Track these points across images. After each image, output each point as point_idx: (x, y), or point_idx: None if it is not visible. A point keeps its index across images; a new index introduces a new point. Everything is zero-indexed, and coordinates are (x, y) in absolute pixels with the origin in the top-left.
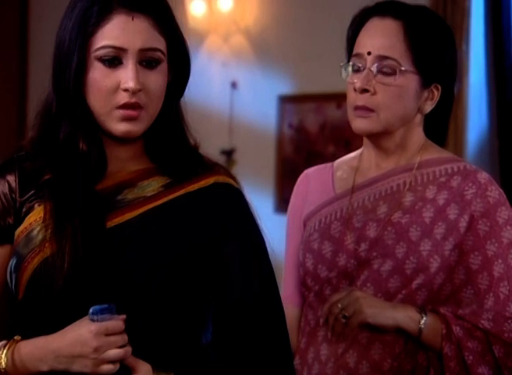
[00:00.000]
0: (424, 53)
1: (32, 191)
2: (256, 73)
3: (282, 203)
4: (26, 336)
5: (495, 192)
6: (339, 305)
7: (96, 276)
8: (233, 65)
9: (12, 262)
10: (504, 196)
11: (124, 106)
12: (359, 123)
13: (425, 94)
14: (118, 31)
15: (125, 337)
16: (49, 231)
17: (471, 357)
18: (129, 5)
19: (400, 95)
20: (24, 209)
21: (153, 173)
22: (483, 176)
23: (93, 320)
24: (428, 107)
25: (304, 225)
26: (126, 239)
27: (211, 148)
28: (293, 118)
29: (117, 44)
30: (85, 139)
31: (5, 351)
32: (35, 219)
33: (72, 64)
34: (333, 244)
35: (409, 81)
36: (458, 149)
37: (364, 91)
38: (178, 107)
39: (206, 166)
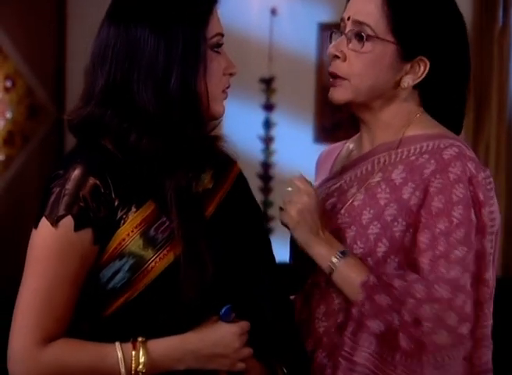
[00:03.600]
0: (404, 22)
1: (130, 189)
2: (296, 0)
3: (321, 133)
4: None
5: (458, 169)
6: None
7: (215, 274)
8: None
9: (126, 261)
10: (467, 174)
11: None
12: (332, 93)
13: (407, 67)
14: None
15: (247, 335)
16: (167, 233)
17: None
18: None
19: (372, 64)
20: (124, 211)
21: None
22: (450, 152)
23: (224, 320)
24: (409, 81)
25: None
26: (214, 233)
27: (250, 77)
28: None
29: None
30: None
31: (141, 354)
32: (142, 218)
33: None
34: None
35: (384, 50)
36: (502, 90)
37: (335, 57)
38: None
39: None
